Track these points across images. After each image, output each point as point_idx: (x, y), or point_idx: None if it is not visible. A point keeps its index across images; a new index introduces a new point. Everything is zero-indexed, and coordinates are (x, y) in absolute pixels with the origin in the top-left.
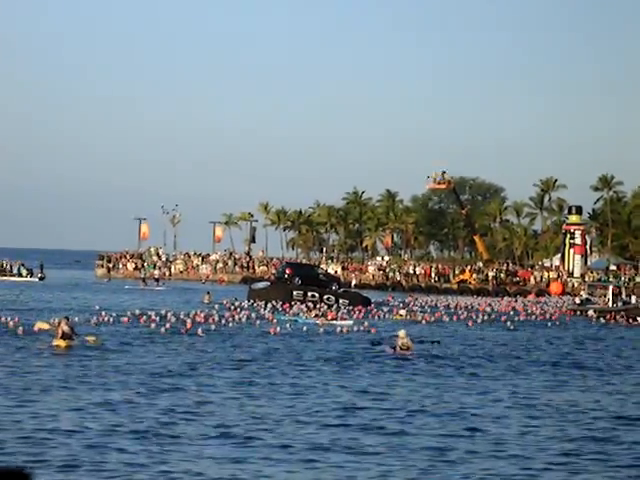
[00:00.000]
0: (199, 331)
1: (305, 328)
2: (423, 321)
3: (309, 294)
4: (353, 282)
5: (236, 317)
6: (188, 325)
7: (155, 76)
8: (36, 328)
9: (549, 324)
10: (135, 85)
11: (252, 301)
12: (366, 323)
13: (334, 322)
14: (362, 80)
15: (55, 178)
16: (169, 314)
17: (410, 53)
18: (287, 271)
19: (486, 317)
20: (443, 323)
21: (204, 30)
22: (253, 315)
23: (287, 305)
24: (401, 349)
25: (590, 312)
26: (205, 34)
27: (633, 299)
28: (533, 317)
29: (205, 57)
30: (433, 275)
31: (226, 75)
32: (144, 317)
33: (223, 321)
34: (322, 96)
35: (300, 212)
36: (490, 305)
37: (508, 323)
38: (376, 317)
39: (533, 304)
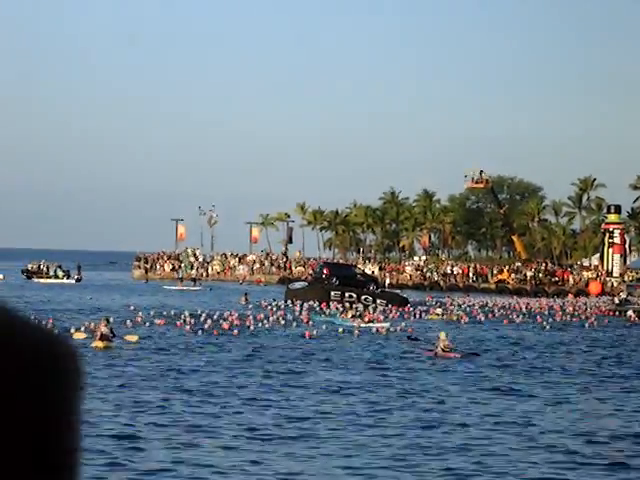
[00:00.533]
0: (234, 332)
1: (341, 329)
2: (461, 320)
3: (347, 294)
4: (387, 281)
5: (271, 318)
6: (225, 326)
7: (191, 78)
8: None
9: (586, 325)
10: (171, 86)
11: (290, 301)
12: (403, 324)
13: (371, 324)
14: (399, 79)
15: (92, 180)
16: (204, 315)
17: (445, 52)
18: (325, 271)
19: (521, 317)
20: (480, 323)
21: (232, 31)
22: (289, 316)
23: (324, 305)
24: (443, 351)
25: (629, 312)
26: (232, 35)
27: None
28: (569, 317)
29: (237, 59)
30: (471, 275)
31: (261, 76)
32: (180, 318)
33: (259, 323)
34: (359, 96)
35: (337, 212)
36: (528, 305)
37: (544, 323)
38: (412, 317)
39: (571, 304)
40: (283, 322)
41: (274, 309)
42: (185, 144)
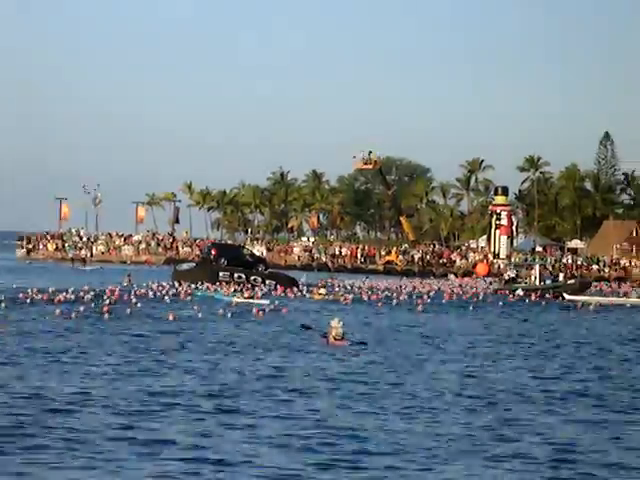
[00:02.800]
0: (105, 316)
1: (221, 311)
2: (344, 301)
3: (235, 275)
4: None
5: (137, 301)
6: (104, 309)
7: (78, 53)
8: None
9: (470, 306)
10: (57, 60)
11: (177, 282)
12: (277, 302)
13: (251, 300)
14: (287, 59)
15: None
16: (81, 295)
17: (333, 32)
18: (212, 252)
19: (404, 298)
20: (362, 303)
21: (130, 14)
22: (171, 294)
23: (212, 286)
24: (335, 339)
25: (518, 291)
26: (132, 18)
27: (561, 277)
28: (455, 298)
29: (133, 39)
30: (359, 256)
31: (148, 56)
32: (56, 298)
33: (139, 304)
34: (247, 75)
35: (225, 192)
36: (414, 286)
37: (419, 307)
38: (295, 296)
39: (456, 286)
40: (168, 301)
41: (160, 287)
42: (69, 121)
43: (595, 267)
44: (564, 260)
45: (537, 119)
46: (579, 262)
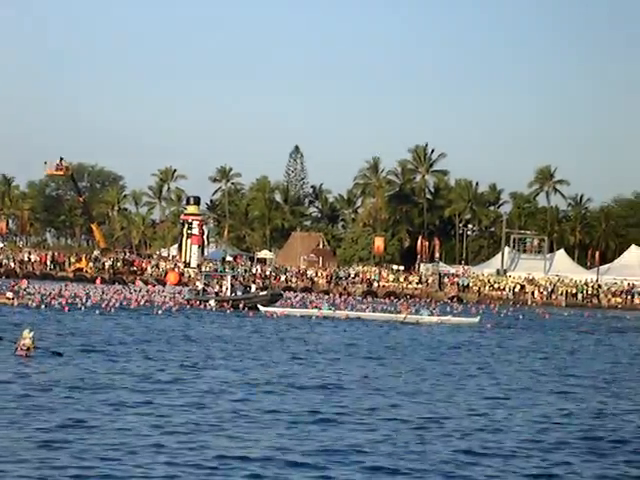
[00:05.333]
0: None
1: None
2: (32, 304)
3: None
4: None
5: None
6: None
7: None
8: None
9: (159, 312)
10: None
11: None
12: None
13: None
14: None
15: None
16: None
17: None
18: None
19: (89, 303)
20: (52, 309)
21: None
22: None
23: None
24: (22, 349)
25: (211, 302)
26: None
27: (253, 288)
28: (141, 304)
29: None
30: (49, 263)
31: None
32: None
33: None
34: None
35: None
36: (103, 292)
37: (104, 313)
38: None
39: (144, 294)
40: None
41: None
42: None
43: (283, 277)
44: (253, 270)
45: (230, 128)
46: (268, 272)
